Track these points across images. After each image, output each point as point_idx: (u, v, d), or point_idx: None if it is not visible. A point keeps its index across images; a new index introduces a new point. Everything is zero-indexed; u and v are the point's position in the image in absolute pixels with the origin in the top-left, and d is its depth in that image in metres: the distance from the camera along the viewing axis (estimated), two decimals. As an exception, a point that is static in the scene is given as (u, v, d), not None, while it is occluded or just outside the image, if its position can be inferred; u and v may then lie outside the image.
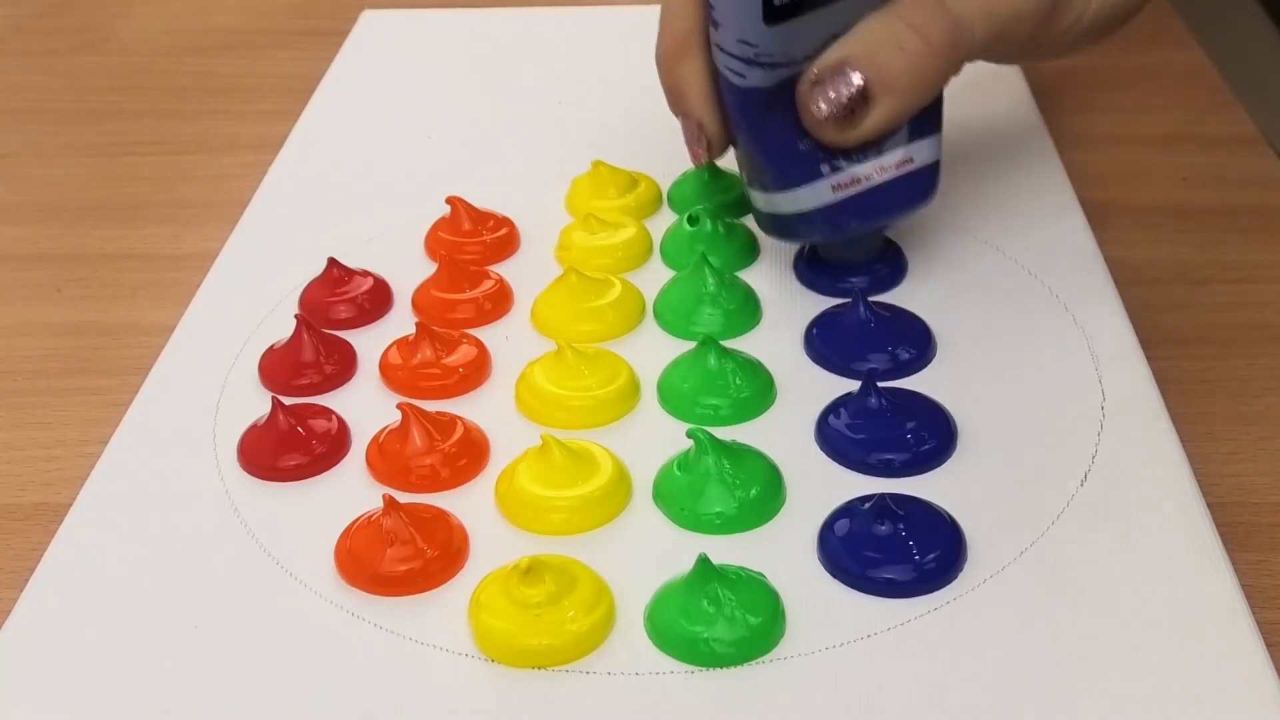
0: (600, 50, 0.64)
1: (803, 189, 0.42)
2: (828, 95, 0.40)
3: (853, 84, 0.40)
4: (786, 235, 0.45)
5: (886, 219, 0.44)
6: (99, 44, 0.71)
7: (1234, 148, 0.57)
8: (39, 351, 0.47)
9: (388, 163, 0.56)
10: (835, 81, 0.40)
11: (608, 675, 0.33)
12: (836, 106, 0.40)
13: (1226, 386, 0.43)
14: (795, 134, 0.41)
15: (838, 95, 0.40)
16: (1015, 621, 0.34)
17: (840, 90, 0.40)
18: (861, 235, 0.45)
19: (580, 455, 0.38)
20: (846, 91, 0.40)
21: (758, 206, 0.44)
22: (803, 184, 0.42)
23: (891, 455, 0.38)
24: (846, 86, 0.40)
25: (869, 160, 0.42)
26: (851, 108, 0.40)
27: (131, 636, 0.34)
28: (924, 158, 0.43)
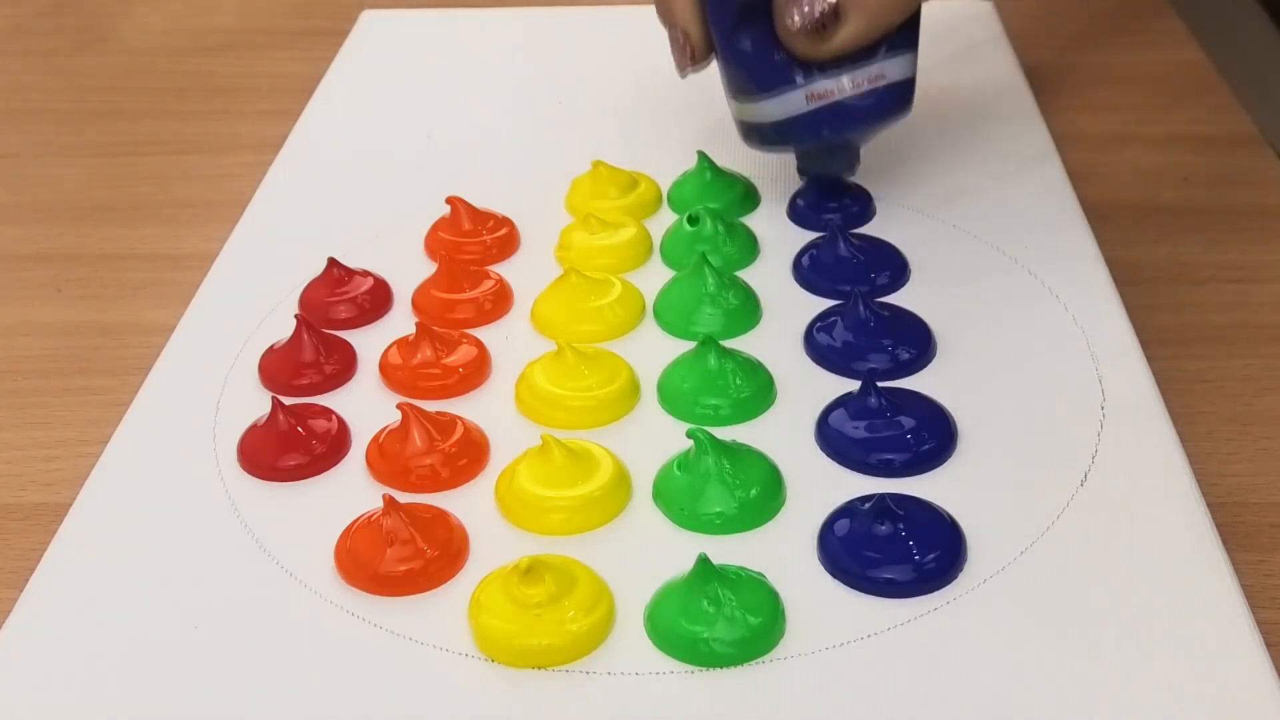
0: (600, 50, 0.64)
1: (776, 98, 0.44)
2: (801, 8, 0.42)
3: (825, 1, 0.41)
4: (764, 143, 0.47)
5: (859, 130, 0.46)
6: (99, 44, 0.71)
7: (1234, 148, 0.57)
8: (39, 351, 0.47)
9: (388, 163, 0.56)
10: None
11: (608, 675, 0.33)
12: (808, 20, 0.41)
13: (1226, 386, 0.43)
14: (772, 44, 0.44)
15: (810, 9, 0.41)
16: (1015, 621, 0.34)
17: (814, 4, 0.41)
18: (838, 147, 0.47)
19: (580, 455, 0.38)
20: (820, 6, 0.41)
21: (735, 115, 0.47)
22: (776, 92, 0.44)
23: (891, 455, 0.38)
24: (820, 1, 0.41)
25: (842, 74, 0.43)
26: (823, 22, 0.41)
27: (131, 636, 0.34)
28: (896, 74, 0.44)
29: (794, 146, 0.47)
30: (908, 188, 0.50)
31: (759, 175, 0.52)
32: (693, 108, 0.59)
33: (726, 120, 0.57)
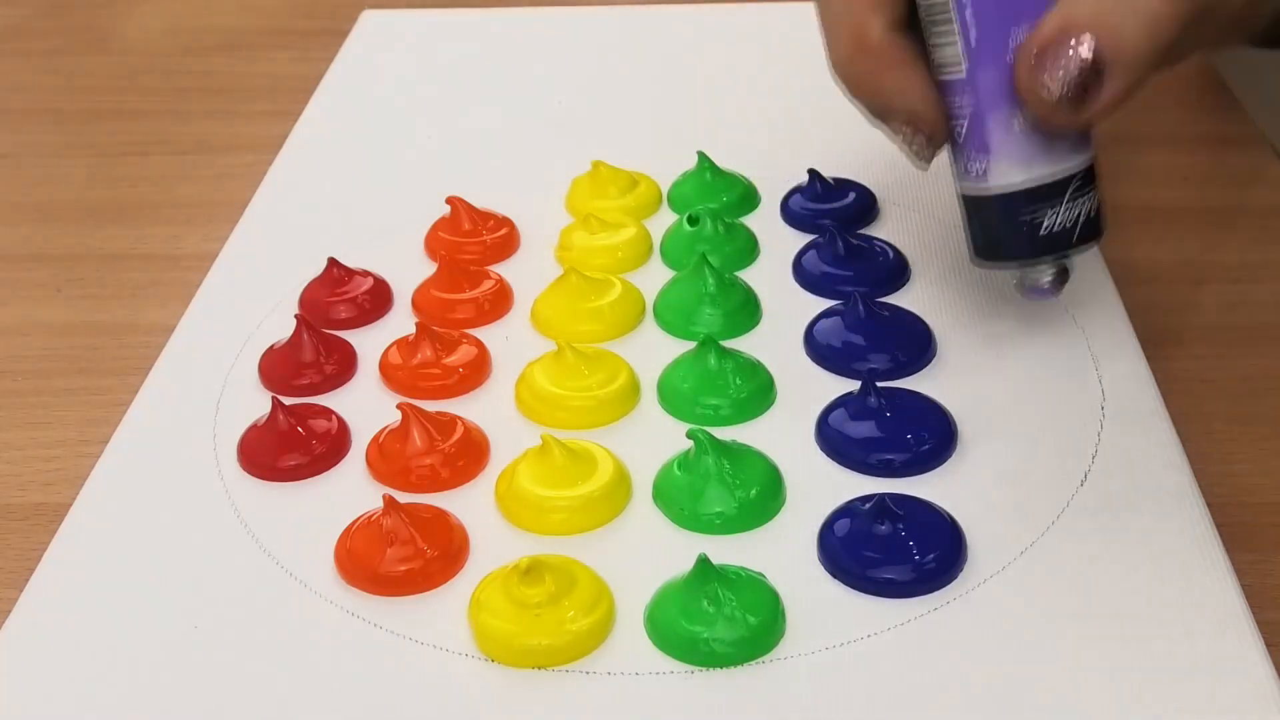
0: (600, 50, 0.64)
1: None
2: (1055, 73, 0.34)
3: (1081, 56, 0.34)
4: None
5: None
6: (99, 44, 0.71)
7: (1234, 148, 0.57)
8: (39, 351, 0.47)
9: (388, 163, 0.56)
10: (1060, 55, 0.34)
11: (608, 675, 0.33)
12: (1068, 85, 0.34)
13: (1226, 386, 0.43)
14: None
15: (1067, 72, 0.34)
16: (1015, 621, 0.34)
17: (1068, 64, 0.34)
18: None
19: (580, 455, 0.38)
20: (1076, 64, 0.34)
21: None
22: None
23: (891, 455, 0.38)
24: (1075, 60, 0.34)
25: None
26: (1084, 84, 0.34)
27: (131, 636, 0.34)
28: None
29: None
30: (908, 188, 0.50)
31: (759, 175, 0.52)
32: (693, 108, 0.59)
33: (726, 120, 0.58)
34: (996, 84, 0.36)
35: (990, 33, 0.36)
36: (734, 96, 0.59)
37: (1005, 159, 0.37)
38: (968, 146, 0.38)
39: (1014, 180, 0.38)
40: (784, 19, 0.65)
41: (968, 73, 0.37)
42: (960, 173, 0.39)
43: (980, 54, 0.36)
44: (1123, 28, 0.34)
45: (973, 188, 0.39)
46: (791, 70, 0.59)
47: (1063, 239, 0.38)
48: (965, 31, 0.36)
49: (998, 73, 0.36)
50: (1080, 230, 0.38)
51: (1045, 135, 0.37)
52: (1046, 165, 0.37)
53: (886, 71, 0.37)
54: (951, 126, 0.38)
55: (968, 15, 0.36)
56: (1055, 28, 0.35)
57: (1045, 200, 0.38)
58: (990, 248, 0.40)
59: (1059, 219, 0.38)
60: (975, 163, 0.38)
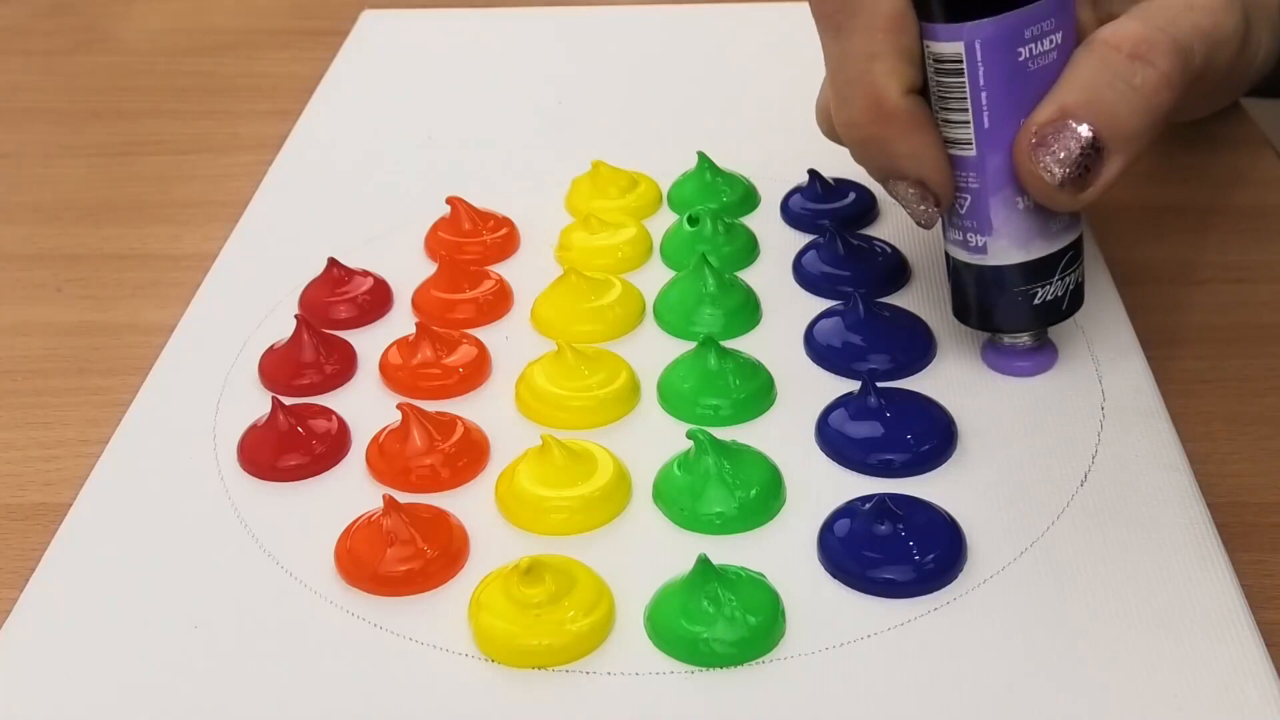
0: (600, 50, 0.64)
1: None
2: (1056, 156, 0.35)
3: (1080, 138, 0.35)
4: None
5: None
6: (99, 44, 0.71)
7: (1234, 148, 0.57)
8: (39, 351, 0.47)
9: (388, 163, 0.56)
10: (1059, 139, 0.35)
11: (608, 675, 0.33)
12: (1069, 167, 0.35)
13: (1226, 386, 0.43)
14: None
15: (1068, 154, 0.35)
16: (1015, 621, 0.34)
17: (1069, 147, 0.35)
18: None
19: (580, 455, 0.38)
20: (1077, 146, 0.35)
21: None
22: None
23: (891, 455, 0.38)
24: (1074, 141, 0.35)
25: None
26: (1085, 165, 0.35)
27: (131, 636, 0.34)
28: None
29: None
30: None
31: (759, 175, 0.52)
32: (693, 108, 0.59)
33: (726, 120, 0.58)
34: (1005, 169, 0.37)
35: (1003, 120, 0.36)
36: (734, 96, 0.59)
37: (1006, 238, 0.38)
38: (968, 221, 0.38)
39: (1012, 259, 0.38)
40: (784, 19, 0.65)
41: (977, 155, 0.37)
42: (955, 241, 0.39)
43: (991, 139, 0.37)
44: (1118, 108, 0.35)
45: (968, 258, 0.39)
46: (791, 70, 0.59)
47: (1053, 310, 0.39)
48: (978, 116, 0.36)
49: (1007, 158, 0.37)
50: (1069, 301, 0.40)
51: (1044, 215, 0.38)
52: (1043, 244, 0.38)
53: (902, 137, 0.37)
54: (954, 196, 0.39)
55: (982, 101, 0.36)
56: (1051, 112, 0.35)
57: (1040, 276, 0.39)
58: (980, 316, 0.40)
59: (1051, 292, 0.39)
60: (974, 237, 0.39)
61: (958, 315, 0.41)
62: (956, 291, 0.41)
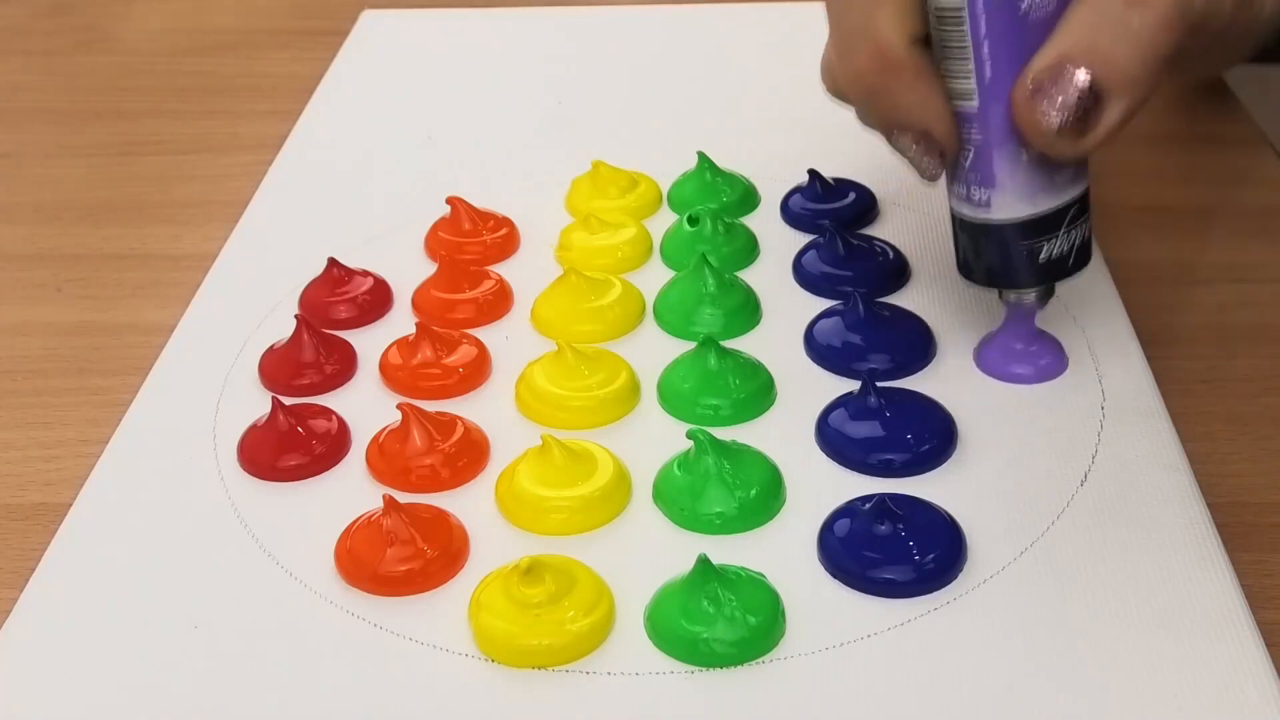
0: (600, 50, 0.64)
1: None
2: (1054, 102, 0.34)
3: (1078, 83, 0.34)
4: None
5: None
6: (99, 44, 0.71)
7: (1234, 148, 0.57)
8: (39, 351, 0.47)
9: (388, 163, 0.56)
10: (1058, 85, 0.34)
11: (608, 675, 0.33)
12: (1067, 112, 0.34)
13: (1226, 386, 0.43)
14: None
15: (1066, 99, 0.34)
16: (1015, 621, 0.34)
17: (1067, 93, 0.34)
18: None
19: (580, 455, 0.38)
20: (1074, 91, 0.34)
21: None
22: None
23: (891, 455, 0.38)
24: (1072, 87, 0.34)
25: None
26: (1083, 110, 0.34)
27: (131, 636, 0.34)
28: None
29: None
30: (908, 188, 0.50)
31: (759, 175, 0.52)
32: (693, 108, 0.59)
33: (726, 120, 0.58)
34: (1007, 120, 0.36)
35: (1005, 71, 0.36)
36: (734, 96, 0.59)
37: (1010, 192, 0.38)
38: (971, 175, 0.38)
39: (1017, 213, 0.38)
40: (784, 19, 0.66)
41: (979, 107, 0.37)
42: (959, 196, 0.39)
43: (993, 90, 0.36)
44: (1116, 53, 0.34)
45: (972, 214, 0.39)
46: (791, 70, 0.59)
47: (1059, 266, 0.39)
48: (980, 67, 0.36)
49: (1009, 110, 0.36)
50: (1074, 257, 0.39)
51: (1048, 168, 0.37)
52: (1048, 197, 0.38)
53: (907, 86, 0.37)
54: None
55: (984, 52, 0.36)
56: (1050, 59, 0.35)
57: (1045, 231, 0.38)
58: (986, 272, 0.40)
59: (1056, 247, 0.38)
60: (978, 191, 0.38)
61: (962, 271, 0.41)
62: (961, 248, 0.40)
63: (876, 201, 0.50)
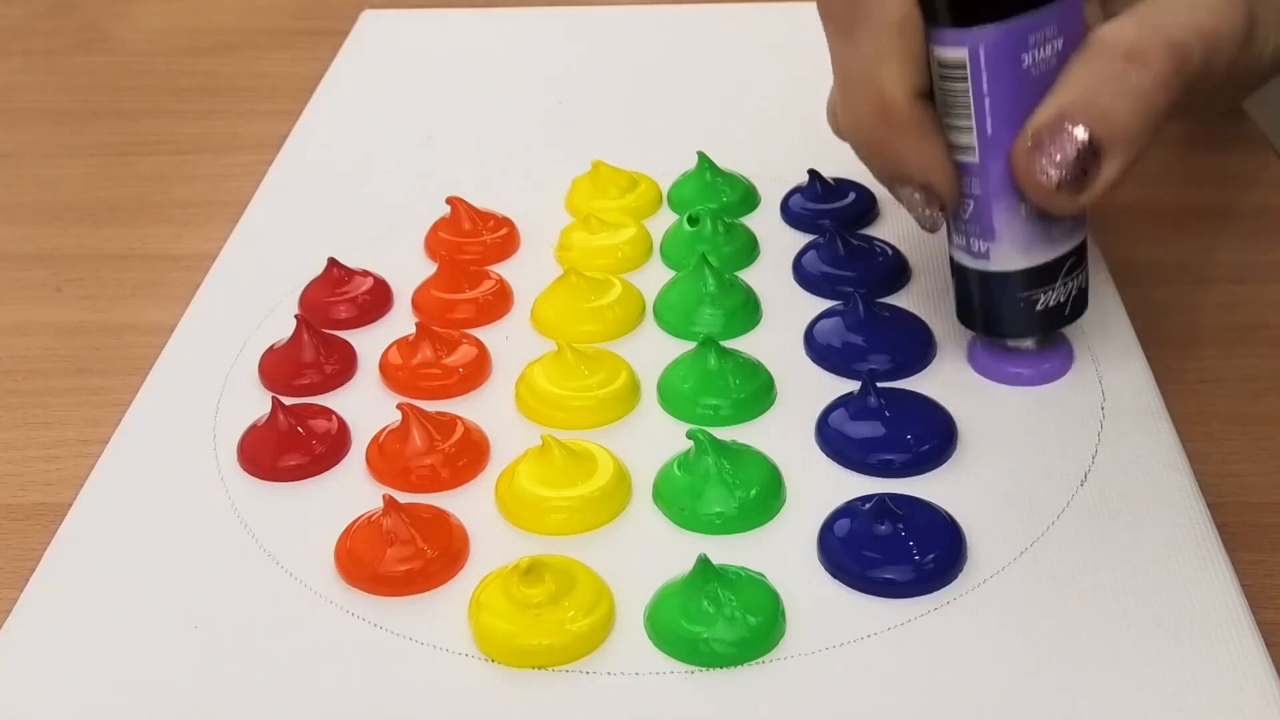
0: (600, 50, 0.64)
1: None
2: (1053, 158, 0.35)
3: (1077, 140, 0.35)
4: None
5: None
6: (99, 44, 0.71)
7: (1234, 148, 0.57)
8: (39, 351, 0.47)
9: (388, 163, 0.56)
10: (1056, 142, 0.35)
11: (608, 675, 0.33)
12: (1066, 169, 0.35)
13: (1226, 386, 0.43)
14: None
15: (1065, 155, 0.35)
16: (1015, 621, 0.34)
17: (1065, 148, 0.35)
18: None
19: (580, 455, 0.38)
20: (1073, 148, 0.35)
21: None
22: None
23: (891, 455, 0.38)
24: (1071, 144, 0.35)
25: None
26: (1083, 167, 0.35)
27: (131, 636, 0.34)
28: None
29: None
30: (908, 188, 0.50)
31: (759, 175, 0.52)
32: (693, 108, 0.59)
33: (726, 120, 0.58)
34: (1007, 175, 0.37)
35: (1006, 126, 0.36)
36: (734, 96, 0.59)
37: (1008, 244, 0.38)
38: (971, 226, 0.39)
39: (1015, 265, 0.38)
40: (784, 19, 0.66)
41: (980, 161, 0.37)
42: (959, 246, 0.40)
43: (994, 144, 0.37)
44: (1115, 109, 0.34)
45: (971, 264, 0.39)
46: (791, 70, 0.59)
47: (1055, 316, 0.39)
48: (981, 122, 0.36)
49: (1009, 164, 0.37)
50: (1071, 306, 0.40)
51: (1046, 221, 0.38)
52: (1046, 250, 0.38)
53: (909, 140, 0.37)
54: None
55: (985, 107, 0.36)
56: (1049, 115, 0.35)
57: (1043, 282, 0.39)
58: (984, 320, 0.40)
59: (1054, 297, 0.39)
60: (977, 243, 0.39)
61: (962, 319, 0.41)
62: (960, 296, 0.41)
63: (876, 201, 0.50)
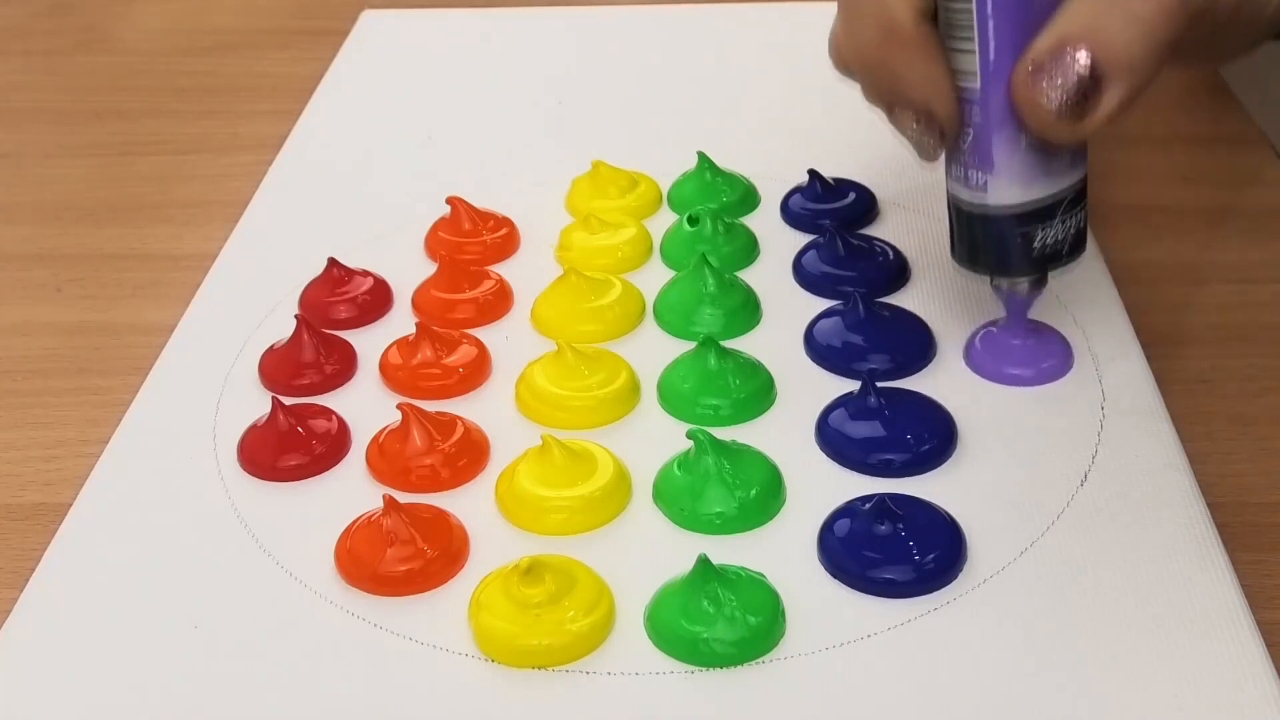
0: (600, 50, 0.64)
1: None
2: (1054, 83, 0.34)
3: (1079, 65, 0.34)
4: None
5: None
6: (99, 44, 0.71)
7: (1234, 148, 0.57)
8: (39, 351, 0.47)
9: (388, 163, 0.56)
10: (1058, 67, 0.34)
11: (608, 675, 0.33)
12: (1066, 94, 0.34)
13: (1226, 386, 0.43)
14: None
15: (1065, 81, 0.34)
16: (1015, 621, 0.34)
17: (1067, 75, 0.34)
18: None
19: (580, 455, 0.38)
20: (1073, 74, 0.34)
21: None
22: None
23: (891, 455, 0.38)
24: (1072, 70, 0.34)
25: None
26: (1083, 93, 0.34)
27: (131, 636, 0.34)
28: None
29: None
30: (908, 188, 0.50)
31: (759, 175, 0.52)
32: (693, 108, 0.59)
33: (726, 120, 0.58)
34: (1007, 103, 0.36)
35: (1008, 52, 0.36)
36: (734, 96, 0.59)
37: (1006, 177, 0.37)
38: (970, 157, 0.38)
39: (1013, 199, 0.38)
40: (784, 19, 0.66)
41: (981, 88, 0.37)
42: (956, 179, 0.39)
43: (996, 72, 0.36)
44: (1117, 36, 0.34)
45: (968, 197, 0.39)
46: (791, 70, 0.59)
47: (1052, 255, 0.39)
48: (984, 47, 0.36)
49: (1009, 91, 0.36)
50: (1068, 246, 0.39)
51: (1046, 155, 0.37)
52: (1045, 185, 0.38)
53: (911, 62, 0.37)
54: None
55: (989, 32, 0.36)
56: (1051, 41, 0.35)
57: (1040, 219, 0.38)
58: (980, 258, 0.40)
59: (1051, 236, 0.38)
60: (975, 174, 0.38)
61: (955, 256, 0.40)
62: (956, 233, 0.40)
63: (876, 201, 0.50)
